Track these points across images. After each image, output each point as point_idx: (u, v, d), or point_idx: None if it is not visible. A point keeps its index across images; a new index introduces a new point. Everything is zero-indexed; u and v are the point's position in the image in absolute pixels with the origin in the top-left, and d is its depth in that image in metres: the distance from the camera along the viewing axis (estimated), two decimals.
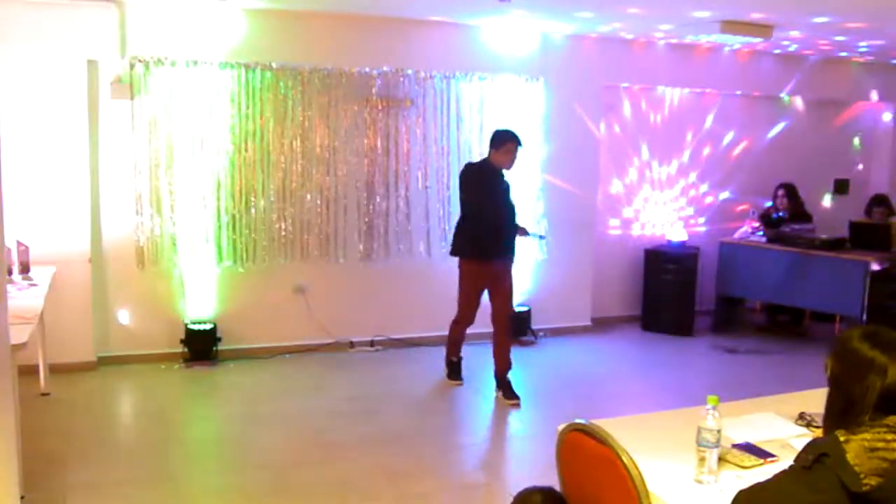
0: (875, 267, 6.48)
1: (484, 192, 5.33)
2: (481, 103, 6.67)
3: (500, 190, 5.39)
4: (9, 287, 4.24)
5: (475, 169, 5.46)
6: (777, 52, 7.63)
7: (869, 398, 1.80)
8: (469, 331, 6.72)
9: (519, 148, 5.35)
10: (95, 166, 5.82)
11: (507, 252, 5.44)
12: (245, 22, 5.99)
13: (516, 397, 5.36)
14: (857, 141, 8.39)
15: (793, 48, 7.35)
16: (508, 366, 5.44)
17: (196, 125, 5.94)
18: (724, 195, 8.10)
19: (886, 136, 8.88)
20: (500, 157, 5.33)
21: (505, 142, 5.32)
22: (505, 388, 5.42)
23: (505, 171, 5.40)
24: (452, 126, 6.60)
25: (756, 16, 5.77)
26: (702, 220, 8.03)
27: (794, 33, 6.42)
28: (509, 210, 5.45)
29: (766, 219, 7.56)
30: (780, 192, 7.61)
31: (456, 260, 5.56)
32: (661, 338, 7.25)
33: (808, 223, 7.47)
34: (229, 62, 5.95)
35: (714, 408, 2.27)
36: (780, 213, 7.57)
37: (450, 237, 6.68)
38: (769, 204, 7.81)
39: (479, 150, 6.67)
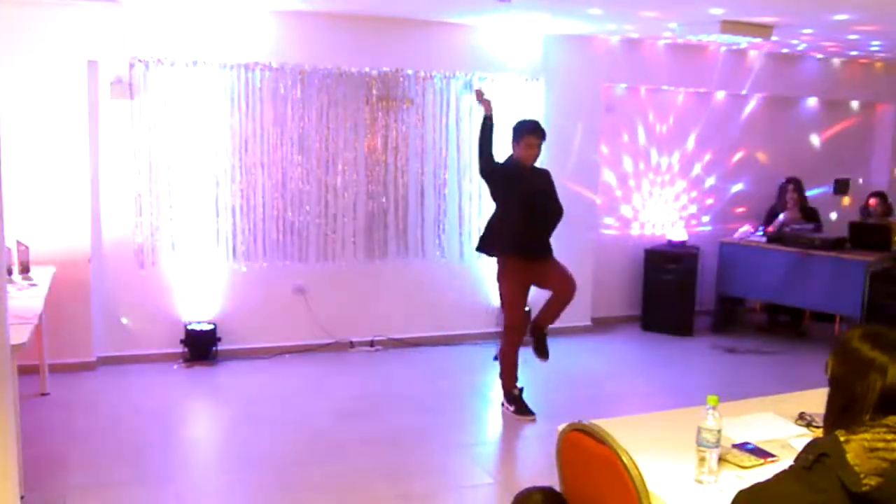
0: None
1: (503, 195, 5.09)
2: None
3: (526, 189, 5.04)
4: (9, 287, 4.25)
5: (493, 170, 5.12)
6: (785, 51, 7.62)
7: (869, 398, 1.80)
8: (469, 331, 6.78)
9: (540, 140, 5.02)
10: (95, 166, 5.82)
11: (540, 252, 5.15)
12: (245, 22, 5.99)
13: (546, 354, 5.25)
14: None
15: (801, 47, 7.33)
16: (549, 322, 5.24)
17: (196, 125, 5.94)
18: (725, 195, 8.10)
19: (886, 137, 8.88)
20: (521, 152, 5.02)
21: (523, 135, 5.00)
22: (540, 342, 5.25)
23: (540, 165, 5.13)
24: (452, 126, 6.61)
25: (767, 19, 5.76)
26: (703, 219, 8.03)
27: (807, 31, 6.38)
28: (538, 210, 5.09)
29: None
30: (791, 187, 7.54)
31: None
32: (661, 338, 7.24)
33: (816, 222, 7.44)
34: (229, 62, 5.95)
35: (714, 408, 2.27)
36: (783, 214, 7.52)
37: (449, 237, 6.73)
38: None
39: (478, 151, 6.67)
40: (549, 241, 5.21)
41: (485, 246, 5.29)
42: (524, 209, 5.04)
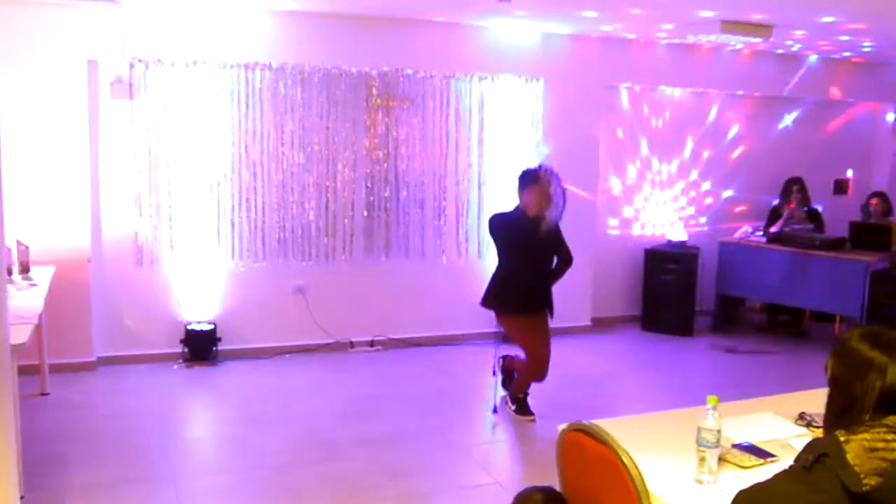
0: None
1: (506, 247, 5.01)
2: (481, 103, 6.67)
3: (531, 241, 4.91)
4: (9, 287, 4.25)
5: (498, 222, 5.05)
6: (780, 51, 7.62)
7: (869, 398, 1.80)
8: (469, 331, 6.77)
9: (546, 188, 4.88)
10: (95, 166, 5.82)
11: (539, 306, 5.11)
12: (244, 22, 5.99)
13: (530, 414, 5.20)
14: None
15: (796, 48, 7.34)
16: (520, 392, 5.24)
17: (196, 125, 5.94)
18: (725, 195, 8.10)
19: (886, 137, 8.88)
20: (525, 201, 4.91)
21: (527, 183, 4.90)
22: (520, 404, 5.23)
23: (550, 216, 4.94)
24: (452, 126, 6.61)
25: (757, 16, 5.77)
26: (702, 220, 8.03)
27: (799, 33, 6.40)
28: (537, 263, 5.05)
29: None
30: (796, 188, 7.52)
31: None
32: (661, 338, 7.24)
33: (818, 222, 7.43)
34: (229, 62, 5.95)
35: (714, 408, 2.27)
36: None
37: (448, 237, 6.73)
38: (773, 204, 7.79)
39: (478, 151, 6.69)
40: (550, 295, 5.15)
41: (487, 302, 5.18)
42: (522, 262, 4.99)
